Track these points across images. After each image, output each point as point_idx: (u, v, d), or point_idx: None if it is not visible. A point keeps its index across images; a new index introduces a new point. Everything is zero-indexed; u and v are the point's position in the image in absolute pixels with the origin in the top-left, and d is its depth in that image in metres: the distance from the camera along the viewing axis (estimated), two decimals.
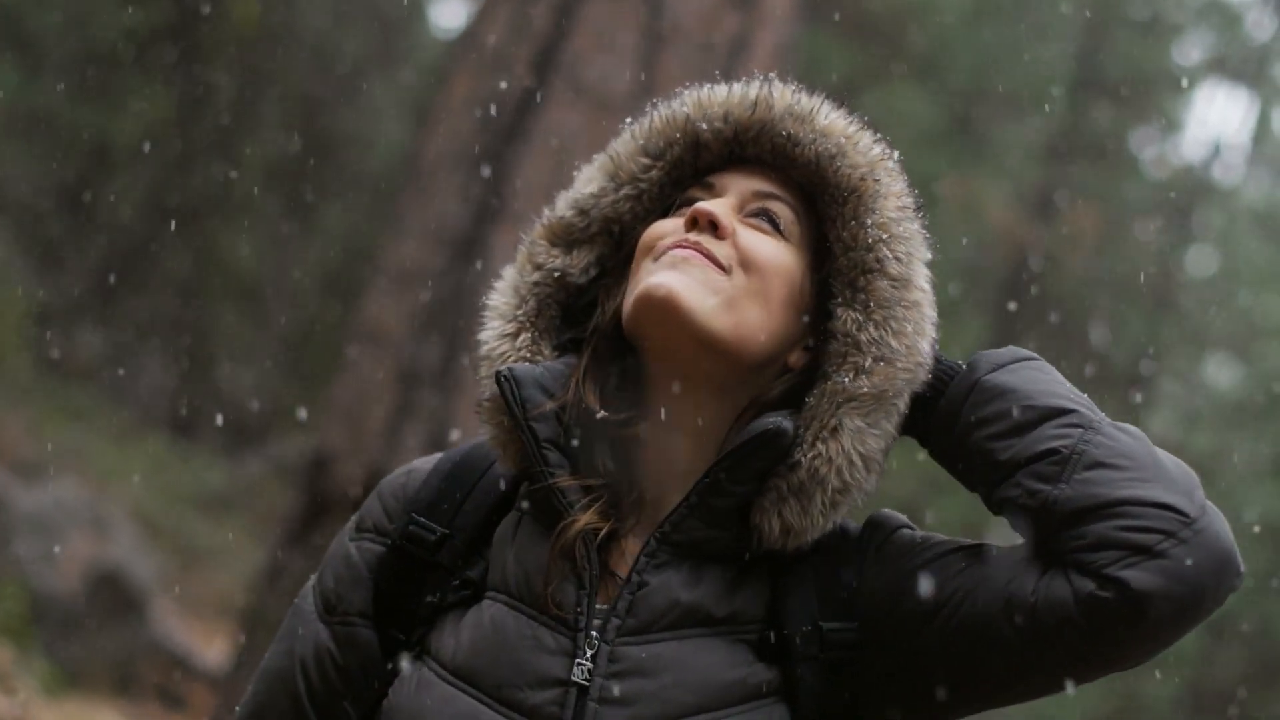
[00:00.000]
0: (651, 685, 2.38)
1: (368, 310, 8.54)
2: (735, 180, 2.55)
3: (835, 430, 2.43)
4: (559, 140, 8.10)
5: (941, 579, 2.45)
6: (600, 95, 8.14)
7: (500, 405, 2.47)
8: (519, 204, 8.05)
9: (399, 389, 8.03)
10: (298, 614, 2.63)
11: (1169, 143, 20.92)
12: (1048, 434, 2.38)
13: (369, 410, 8.07)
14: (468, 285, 7.96)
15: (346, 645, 2.56)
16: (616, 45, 8.24)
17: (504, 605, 2.43)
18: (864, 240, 2.49)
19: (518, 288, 2.57)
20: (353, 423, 8.15)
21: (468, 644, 2.41)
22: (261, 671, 2.66)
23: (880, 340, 2.45)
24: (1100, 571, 2.28)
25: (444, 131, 8.61)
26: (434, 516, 2.55)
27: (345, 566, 2.59)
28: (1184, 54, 20.10)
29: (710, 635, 2.43)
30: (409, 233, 8.46)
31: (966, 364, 2.51)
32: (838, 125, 2.54)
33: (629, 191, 2.54)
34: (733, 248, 2.45)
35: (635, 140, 2.56)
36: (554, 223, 2.59)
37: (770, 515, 2.44)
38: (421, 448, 7.81)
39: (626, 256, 2.56)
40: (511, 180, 8.09)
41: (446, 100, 8.74)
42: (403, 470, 2.65)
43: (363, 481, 7.90)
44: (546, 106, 8.18)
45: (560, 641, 2.39)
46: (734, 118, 2.54)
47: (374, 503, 2.63)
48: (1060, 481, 2.33)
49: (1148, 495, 2.29)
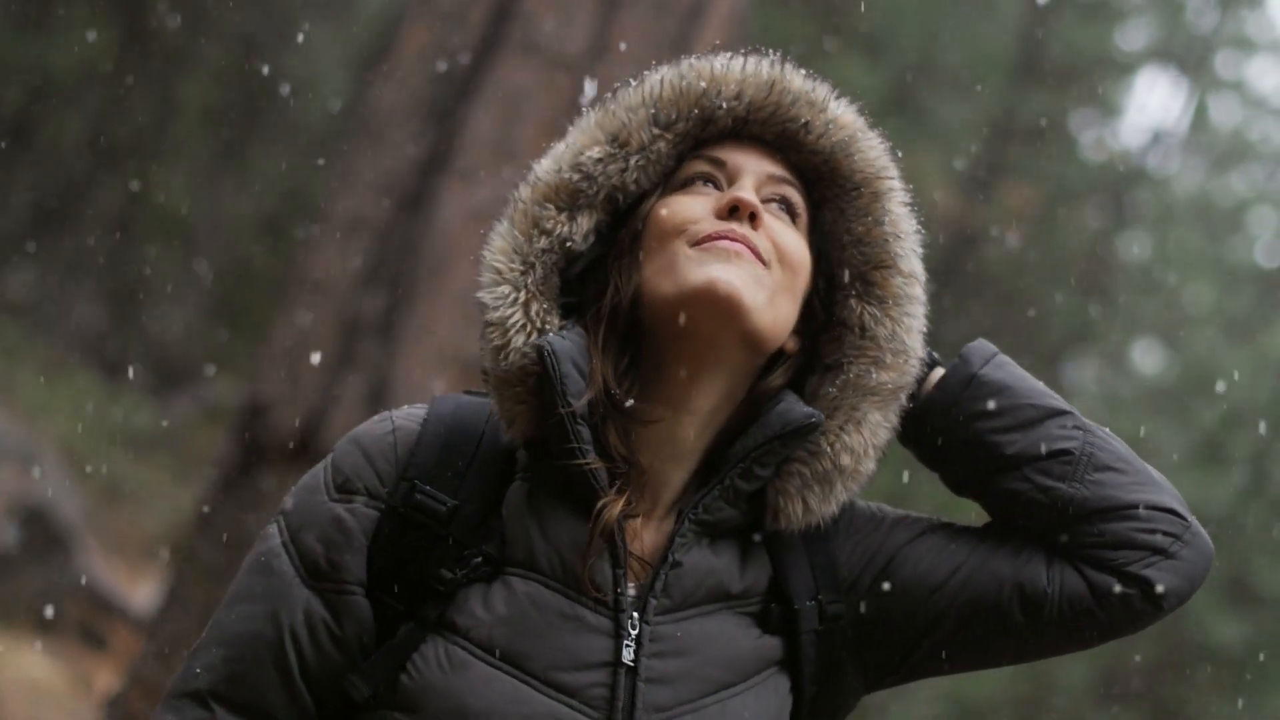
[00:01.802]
0: (688, 663, 2.47)
1: (311, 258, 8.51)
2: (745, 160, 2.56)
3: (859, 422, 2.56)
4: (510, 97, 8.09)
5: (933, 560, 2.63)
6: (553, 53, 8.13)
7: (516, 376, 2.45)
8: (468, 159, 8.04)
9: (340, 338, 8.00)
10: (269, 574, 2.52)
11: (1108, 127, 21.02)
12: (1054, 433, 2.59)
13: (308, 359, 8.05)
14: (414, 238, 7.95)
15: (345, 615, 2.48)
16: (572, 4, 8.22)
17: (538, 584, 2.43)
18: (878, 235, 2.60)
19: (523, 252, 2.53)
20: (291, 370, 8.12)
21: (506, 623, 2.41)
22: (228, 635, 2.52)
23: (895, 335, 2.58)
24: (1123, 570, 2.55)
25: (395, 84, 8.57)
26: (438, 485, 2.48)
27: (337, 531, 2.49)
28: (1127, 39, 20.18)
29: (727, 610, 2.53)
30: (356, 183, 8.43)
31: (959, 357, 2.65)
32: (848, 116, 2.60)
33: (638, 161, 2.53)
34: (767, 240, 2.47)
35: (646, 108, 2.53)
36: (557, 183, 2.55)
37: (794, 499, 2.55)
38: (361, 398, 7.80)
39: (631, 229, 2.56)
40: (461, 135, 8.07)
41: (398, 52, 8.70)
42: (382, 427, 2.57)
43: (299, 430, 7.88)
44: (499, 62, 8.16)
45: (601, 622, 2.44)
46: (748, 96, 2.55)
47: (360, 462, 2.53)
48: (1074, 481, 2.56)
49: (1157, 500, 2.56)
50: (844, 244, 2.61)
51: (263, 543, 2.55)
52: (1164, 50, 19.87)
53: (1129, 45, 20.14)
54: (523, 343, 2.45)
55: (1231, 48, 20.60)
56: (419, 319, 7.86)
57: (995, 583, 2.59)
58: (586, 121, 2.60)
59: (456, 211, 7.90)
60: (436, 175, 8.03)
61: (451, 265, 7.89)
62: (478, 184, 7.97)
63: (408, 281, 7.90)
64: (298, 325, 8.26)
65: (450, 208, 7.92)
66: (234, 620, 2.52)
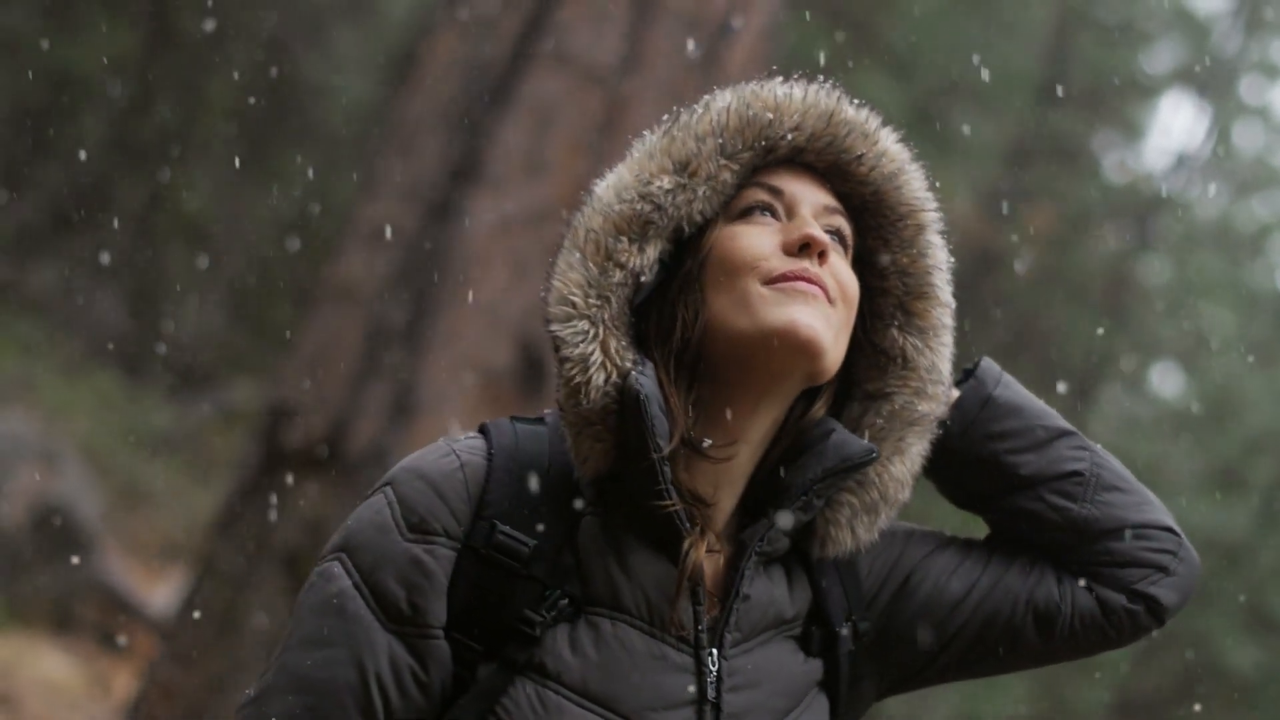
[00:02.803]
0: (759, 694, 2.49)
1: (339, 265, 8.51)
2: (802, 190, 2.54)
3: (904, 453, 2.59)
4: (540, 108, 8.10)
5: (949, 577, 2.68)
6: (585, 65, 8.14)
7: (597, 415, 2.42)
8: (497, 169, 8.04)
9: (365, 346, 8.01)
10: (344, 618, 2.40)
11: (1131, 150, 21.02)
12: (1065, 454, 2.66)
13: (333, 365, 8.05)
14: (441, 246, 7.95)
15: (430, 659, 2.40)
16: (605, 16, 8.23)
17: (625, 624, 2.41)
18: (922, 267, 2.61)
19: (599, 285, 2.46)
20: (315, 377, 8.13)
21: (598, 666, 2.38)
22: (307, 681, 2.40)
23: (934, 367, 2.61)
24: (1130, 587, 2.64)
25: (425, 91, 8.58)
26: (515, 524, 2.42)
27: (418, 573, 2.40)
28: (1152, 62, 20.17)
29: (778, 636, 2.55)
30: (385, 190, 8.44)
31: (975, 379, 2.69)
32: (896, 148, 2.59)
33: (705, 191, 2.50)
34: (833, 279, 2.46)
35: (714, 138, 2.49)
36: (630, 214, 2.48)
37: (844, 529, 2.57)
38: (385, 406, 7.81)
39: (697, 260, 2.51)
40: (490, 145, 8.08)
41: (428, 60, 8.72)
42: (449, 463, 2.47)
43: (323, 436, 7.89)
44: (530, 73, 8.17)
45: (684, 659, 2.43)
46: (808, 127, 2.53)
47: (433, 501, 2.43)
48: (1084, 501, 2.63)
49: (1157, 519, 2.67)
50: (886, 274, 2.61)
51: (328, 583, 2.44)
52: (1188, 74, 19.85)
53: (1154, 68, 20.14)
54: (603, 381, 2.41)
55: (1256, 73, 20.63)
56: (444, 327, 7.86)
57: (1010, 599, 2.66)
58: (650, 147, 2.54)
59: (484, 221, 7.91)
60: (465, 184, 8.03)
61: (478, 275, 7.90)
62: (506, 194, 7.98)
63: (434, 290, 7.91)
64: (324, 332, 8.26)
65: (478, 217, 7.92)
66: (311, 666, 2.41)
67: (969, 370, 2.73)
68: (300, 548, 7.79)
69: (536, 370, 7.74)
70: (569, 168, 7.97)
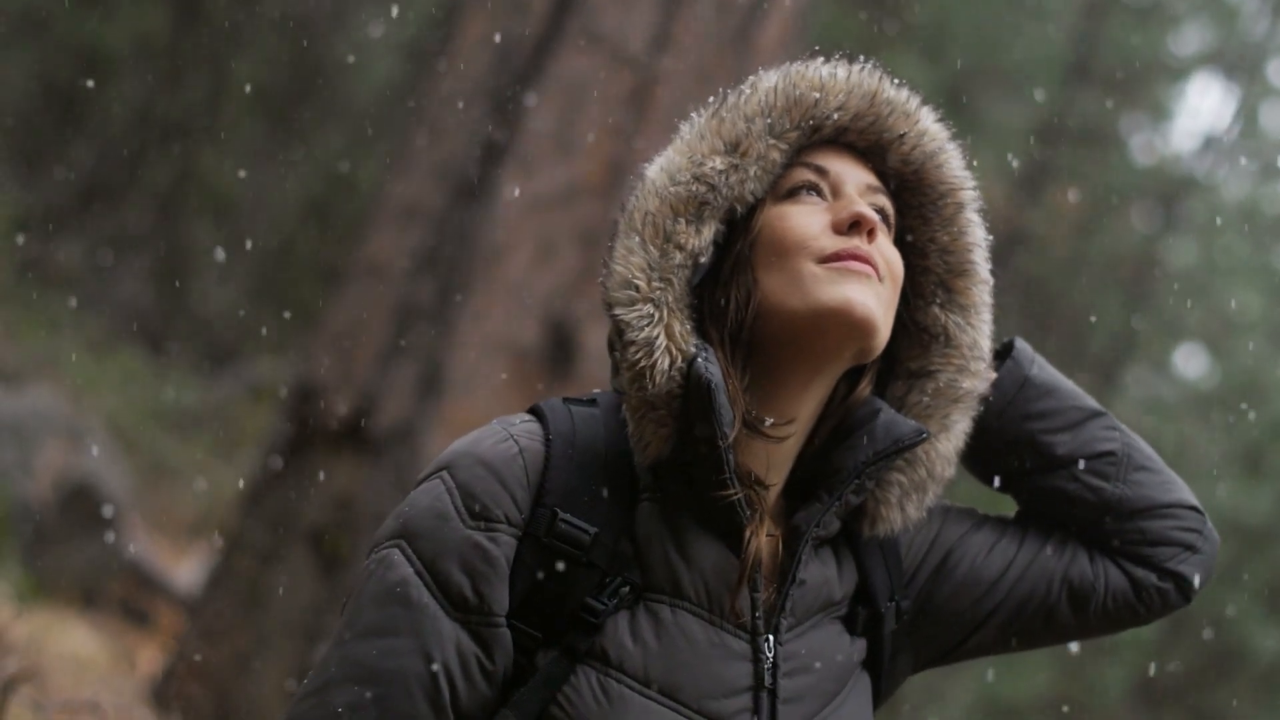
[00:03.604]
0: (812, 679, 2.49)
1: (368, 243, 8.53)
2: (846, 169, 2.54)
3: (949, 430, 2.62)
4: (570, 87, 8.10)
5: (987, 555, 2.73)
6: (615, 45, 8.13)
7: (662, 400, 2.40)
8: (526, 148, 8.05)
9: (394, 324, 8.02)
10: (408, 606, 2.37)
11: (1158, 132, 20.95)
12: (1099, 434, 2.72)
13: (362, 343, 8.07)
14: (470, 225, 7.96)
15: (495, 646, 2.38)
16: None
17: (685, 612, 2.41)
18: (963, 245, 2.64)
19: (660, 268, 2.45)
20: (343, 354, 8.15)
21: (659, 654, 2.38)
22: (373, 672, 2.36)
23: (976, 344, 2.63)
24: (1161, 565, 2.71)
25: (454, 71, 8.58)
26: (576, 511, 2.40)
27: (482, 561, 2.37)
28: (1180, 44, 20.11)
29: (826, 618, 2.55)
30: (414, 169, 8.44)
31: (1012, 359, 2.73)
32: (935, 127, 2.62)
33: (756, 171, 2.50)
34: (880, 256, 2.47)
35: (763, 118, 2.49)
36: (686, 195, 2.47)
37: (894, 508, 2.59)
38: (413, 384, 7.82)
39: (747, 240, 2.51)
40: (520, 124, 8.08)
41: (458, 39, 8.71)
42: (507, 448, 2.44)
43: (350, 414, 7.91)
44: (560, 52, 8.17)
45: (741, 646, 2.43)
46: (852, 107, 2.53)
47: (494, 487, 2.40)
48: (1118, 481, 2.69)
49: (1184, 498, 2.74)
50: (927, 252, 2.63)
51: (388, 570, 2.40)
52: (1216, 56, 19.79)
53: (1182, 50, 20.08)
54: (669, 366, 2.39)
55: None
56: (473, 306, 7.87)
57: (1045, 577, 2.71)
58: (699, 128, 2.53)
59: (514, 200, 7.91)
60: (494, 164, 8.04)
61: (507, 254, 7.90)
62: (535, 173, 7.98)
63: (463, 269, 7.91)
64: (352, 309, 8.28)
65: (508, 196, 7.92)
66: (376, 656, 2.36)
67: (1001, 351, 2.75)
68: (327, 525, 7.81)
69: (564, 349, 7.75)
70: (598, 147, 7.97)
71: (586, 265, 7.78)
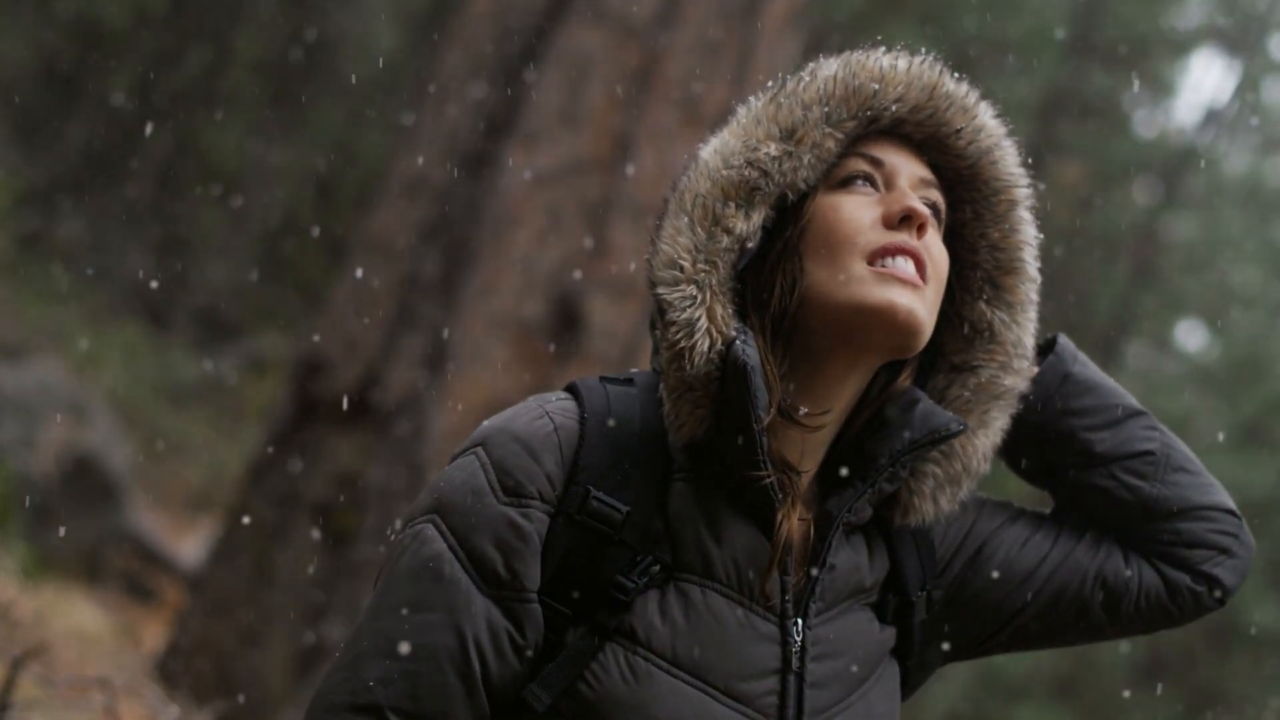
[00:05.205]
0: (839, 664, 2.49)
1: (373, 217, 8.52)
2: (901, 161, 2.51)
3: (988, 425, 2.60)
4: (577, 61, 8.08)
5: (1021, 549, 2.71)
6: (621, 19, 8.12)
7: (700, 382, 2.40)
8: (533, 122, 8.03)
9: (399, 297, 8.02)
10: (440, 581, 2.38)
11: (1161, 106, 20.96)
12: (1138, 433, 2.70)
13: (367, 317, 8.06)
14: (476, 199, 7.95)
15: (526, 622, 2.37)
16: None
17: (715, 593, 2.41)
18: (1014, 243, 2.61)
19: (706, 250, 2.44)
20: (349, 328, 8.14)
21: (687, 634, 2.38)
22: (403, 645, 2.37)
23: (1021, 341, 2.61)
24: (1196, 568, 2.69)
25: (460, 44, 8.57)
26: (608, 489, 2.40)
27: (515, 537, 2.37)
28: (1182, 19, 20.08)
29: (858, 605, 2.54)
30: (420, 144, 8.43)
31: (1054, 354, 2.72)
32: (992, 122, 2.58)
33: (810, 159, 2.48)
34: (927, 254, 2.45)
35: (820, 106, 2.47)
36: (737, 180, 2.46)
37: (927, 500, 2.59)
38: (418, 358, 7.81)
39: (798, 228, 2.49)
40: (526, 98, 8.07)
41: (464, 13, 8.70)
42: (543, 425, 2.44)
43: (355, 387, 7.91)
44: (566, 26, 8.15)
45: (770, 629, 2.42)
46: (911, 99, 2.51)
47: (528, 463, 2.40)
48: (1156, 480, 2.68)
49: (1221, 501, 2.70)
50: (977, 247, 2.62)
51: (421, 545, 2.41)
52: (1219, 31, 19.77)
53: (1184, 25, 20.05)
54: (708, 348, 2.39)
55: None
56: (479, 280, 7.86)
57: (1079, 574, 2.69)
58: (756, 113, 2.52)
59: (520, 174, 7.90)
60: (500, 138, 8.02)
61: (513, 228, 7.89)
62: (541, 147, 7.96)
63: (468, 243, 7.91)
64: (358, 284, 8.27)
65: (513, 170, 7.91)
66: (408, 630, 2.37)
67: (1044, 347, 2.74)
68: (331, 499, 7.81)
69: (569, 323, 7.74)
70: (605, 121, 7.96)
71: (593, 240, 7.78)
